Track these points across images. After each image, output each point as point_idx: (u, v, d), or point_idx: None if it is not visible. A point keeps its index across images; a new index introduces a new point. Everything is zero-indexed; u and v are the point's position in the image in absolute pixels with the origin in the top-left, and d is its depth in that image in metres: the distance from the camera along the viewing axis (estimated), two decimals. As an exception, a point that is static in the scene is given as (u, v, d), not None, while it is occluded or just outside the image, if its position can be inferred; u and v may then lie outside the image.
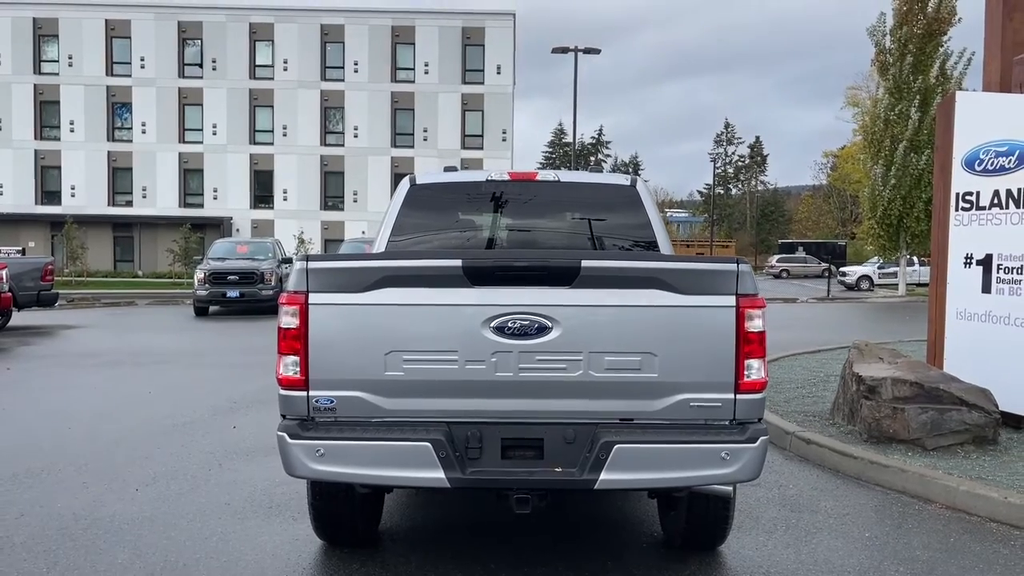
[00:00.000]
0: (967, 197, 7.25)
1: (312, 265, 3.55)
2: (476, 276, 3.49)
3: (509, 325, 3.46)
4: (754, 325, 3.52)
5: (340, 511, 4.25)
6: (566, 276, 3.48)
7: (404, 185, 5.44)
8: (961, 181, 7.30)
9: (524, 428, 3.56)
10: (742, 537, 4.66)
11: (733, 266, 3.53)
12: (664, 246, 5.25)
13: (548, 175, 5.52)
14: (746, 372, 3.52)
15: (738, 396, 3.53)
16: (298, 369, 3.54)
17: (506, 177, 5.45)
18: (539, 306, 3.47)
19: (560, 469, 3.50)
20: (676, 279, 3.49)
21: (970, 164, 7.22)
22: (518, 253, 4.08)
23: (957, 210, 7.33)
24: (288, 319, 3.54)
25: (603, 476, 3.41)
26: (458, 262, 3.50)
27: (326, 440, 3.48)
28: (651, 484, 3.56)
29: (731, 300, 3.50)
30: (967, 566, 4.32)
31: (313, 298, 3.52)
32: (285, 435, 3.51)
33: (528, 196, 5.51)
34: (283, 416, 3.62)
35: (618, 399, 3.53)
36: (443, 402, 3.54)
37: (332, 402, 3.54)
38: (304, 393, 3.55)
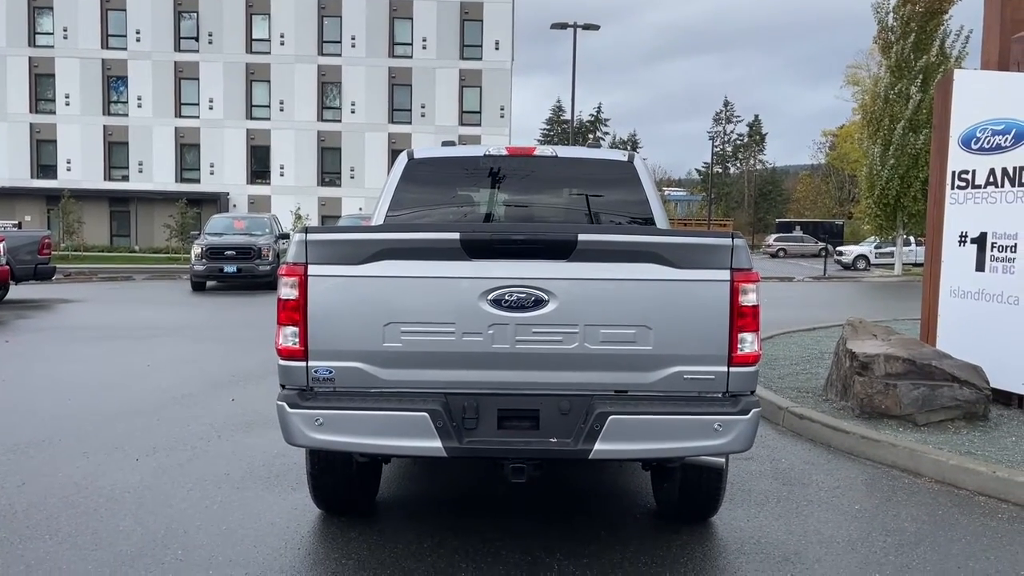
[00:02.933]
0: (963, 176, 7.28)
1: (311, 237, 3.58)
2: (474, 249, 3.52)
3: (506, 298, 3.51)
4: (748, 299, 3.57)
5: (338, 481, 4.32)
6: (563, 249, 3.52)
7: (402, 160, 5.46)
8: (957, 159, 7.32)
9: (520, 399, 3.61)
10: (734, 509, 4.74)
11: (728, 240, 3.56)
12: (661, 222, 5.28)
13: (546, 150, 5.55)
14: (740, 345, 3.57)
15: (731, 369, 3.58)
16: (297, 340, 3.58)
17: (504, 152, 5.47)
18: (536, 279, 3.51)
19: (555, 439, 3.56)
20: (671, 253, 3.53)
21: (967, 142, 7.25)
22: (515, 226, 4.11)
23: (953, 188, 7.36)
24: (287, 290, 3.58)
25: (597, 446, 3.47)
26: (456, 235, 3.53)
27: (325, 409, 3.53)
28: (645, 455, 3.62)
29: (726, 274, 3.55)
30: (954, 538, 4.41)
31: (312, 270, 3.56)
32: (284, 404, 3.56)
33: (526, 171, 5.54)
34: (282, 386, 3.67)
35: (613, 371, 3.58)
36: (440, 373, 3.58)
37: (331, 372, 3.59)
38: (303, 363, 3.59)
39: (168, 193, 44.40)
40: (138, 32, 45.65)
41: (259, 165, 46.98)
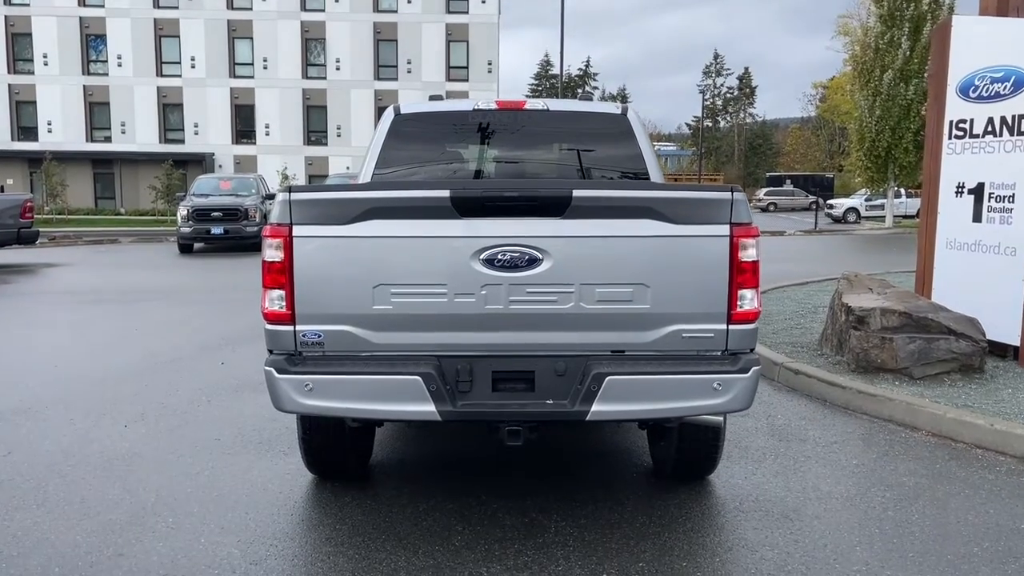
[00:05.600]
0: (960, 125, 7.16)
1: (295, 196, 3.44)
2: (464, 207, 3.40)
3: (499, 257, 3.39)
4: (748, 255, 3.46)
5: (331, 445, 4.24)
6: (557, 206, 3.40)
7: (388, 115, 5.30)
8: (955, 108, 7.19)
9: (515, 361, 3.52)
10: (731, 467, 4.70)
11: (727, 194, 3.45)
12: (656, 177, 5.16)
13: (536, 104, 5.38)
14: (739, 302, 3.48)
15: (730, 327, 3.49)
16: (284, 303, 3.47)
17: (493, 106, 5.31)
18: (529, 237, 3.40)
19: (551, 401, 3.48)
20: (669, 208, 3.41)
21: (964, 91, 7.11)
22: (507, 183, 3.98)
23: (950, 138, 7.24)
24: (272, 252, 3.46)
25: (594, 408, 3.39)
26: (446, 192, 3.40)
27: (315, 375, 3.43)
28: (642, 415, 3.54)
29: (725, 229, 3.44)
30: (952, 491, 4.38)
31: (297, 230, 3.43)
32: (272, 370, 3.45)
33: (516, 126, 5.38)
34: (270, 351, 3.57)
35: (610, 331, 3.49)
36: (433, 336, 3.48)
37: (320, 336, 3.48)
38: (291, 328, 3.48)
39: (152, 154, 43.79)
40: (116, -12, 44.61)
41: (244, 124, 46.32)
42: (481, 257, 3.40)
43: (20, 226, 17.01)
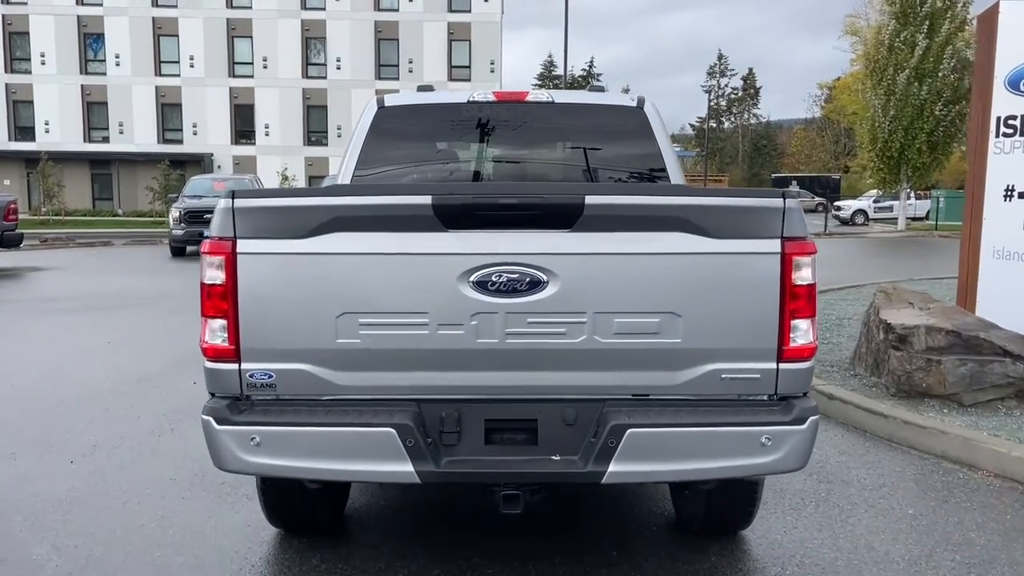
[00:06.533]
0: (1010, 122, 6.46)
1: (240, 204, 2.77)
2: (451, 217, 2.72)
3: (494, 279, 2.72)
4: (803, 276, 2.79)
5: (293, 500, 3.57)
6: (566, 216, 2.72)
7: (370, 108, 4.62)
8: (1003, 103, 6.49)
9: (513, 407, 2.85)
10: (767, 516, 4.01)
11: (779, 201, 2.77)
12: (676, 181, 4.49)
13: (541, 95, 4.70)
14: (792, 335, 2.80)
15: (781, 365, 2.81)
16: (226, 336, 2.81)
17: (491, 98, 4.63)
18: (532, 255, 2.73)
19: (558, 457, 2.80)
20: (706, 219, 2.73)
21: (1015, 84, 6.42)
22: (504, 187, 3.30)
23: (998, 136, 6.54)
24: (212, 272, 2.80)
25: (613, 467, 2.71)
26: (427, 199, 2.73)
27: (263, 426, 2.76)
28: (672, 477, 2.87)
29: (775, 245, 2.76)
30: (1033, 552, 3.70)
31: (242, 245, 2.77)
32: (211, 420, 2.78)
33: (518, 121, 4.71)
34: (211, 394, 2.90)
35: (631, 370, 2.81)
36: (411, 376, 2.81)
37: (270, 377, 2.81)
38: (235, 366, 2.82)
39: (150, 155, 43.17)
40: (114, -13, 44.02)
41: (243, 124, 45.69)
42: (471, 279, 2.73)
43: (4, 228, 16.37)
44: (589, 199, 2.72)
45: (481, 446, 2.83)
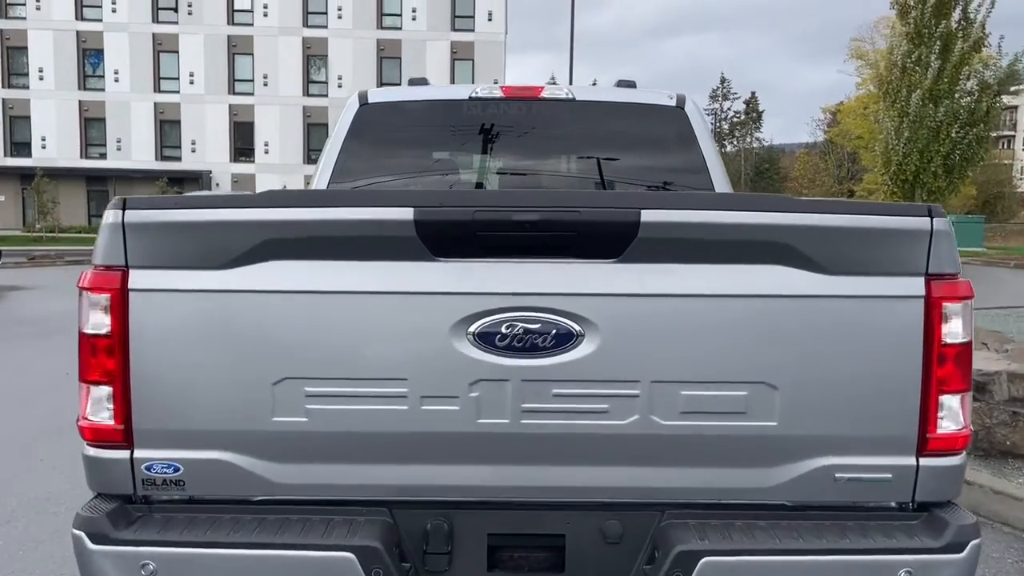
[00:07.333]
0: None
1: (132, 216, 1.90)
2: (442, 240, 1.86)
3: (503, 331, 1.85)
4: (954, 331, 1.91)
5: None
6: (612, 240, 1.85)
7: (351, 105, 3.78)
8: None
9: (530, 516, 1.97)
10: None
11: (923, 221, 1.89)
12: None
13: (558, 92, 3.85)
14: (940, 416, 1.92)
15: (923, 460, 1.94)
16: (113, 410, 1.92)
17: (499, 94, 3.78)
18: (560, 295, 1.86)
19: (596, 593, 1.92)
20: (819, 247, 1.86)
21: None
22: (519, 197, 2.40)
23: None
24: (94, 317, 1.92)
25: (678, 613, 1.82)
26: (407, 213, 1.86)
27: (160, 546, 1.87)
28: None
29: (917, 284, 1.89)
30: None
31: (137, 278, 1.89)
32: (83, 536, 1.88)
33: (530, 122, 3.85)
34: (97, 494, 2.01)
35: (704, 467, 1.93)
36: (381, 471, 1.93)
37: (176, 470, 1.93)
38: (126, 453, 1.93)
39: (148, 172, 42.51)
40: (114, 2, 43.53)
41: (243, 142, 45.06)
42: (471, 330, 1.85)
43: (-20, 246, 15.57)
44: (646, 215, 1.85)
45: (483, 573, 1.95)
